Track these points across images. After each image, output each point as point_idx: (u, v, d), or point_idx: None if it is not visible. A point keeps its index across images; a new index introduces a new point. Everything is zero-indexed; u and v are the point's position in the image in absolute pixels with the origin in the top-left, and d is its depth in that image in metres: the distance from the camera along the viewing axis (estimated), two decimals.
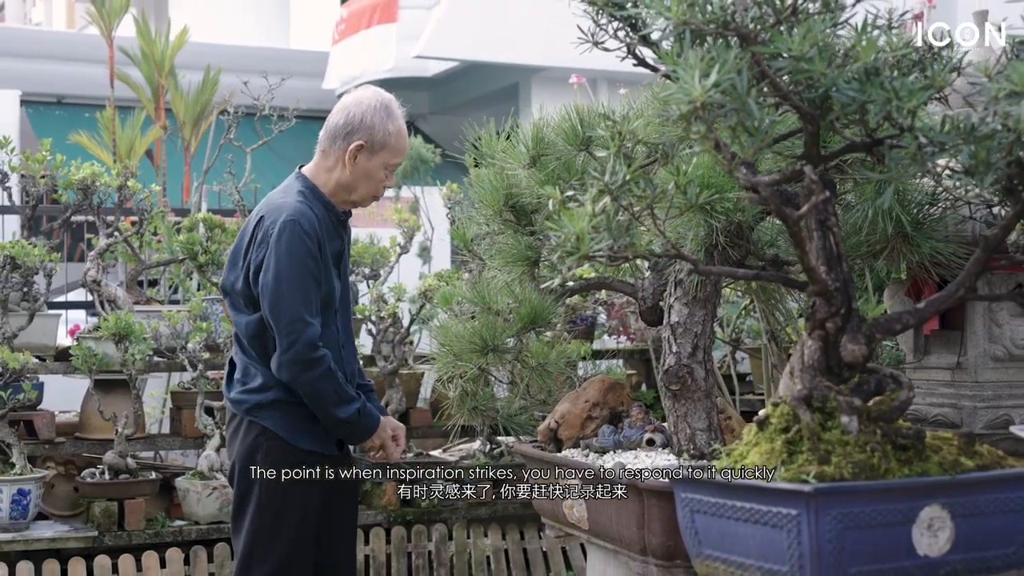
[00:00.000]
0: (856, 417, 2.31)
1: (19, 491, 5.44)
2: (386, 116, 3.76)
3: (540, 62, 12.63)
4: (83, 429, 6.01)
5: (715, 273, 2.92)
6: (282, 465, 3.66)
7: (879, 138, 2.34)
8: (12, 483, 5.42)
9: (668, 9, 2.23)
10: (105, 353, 5.67)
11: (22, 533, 5.48)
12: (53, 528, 5.66)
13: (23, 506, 5.46)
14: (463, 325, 4.02)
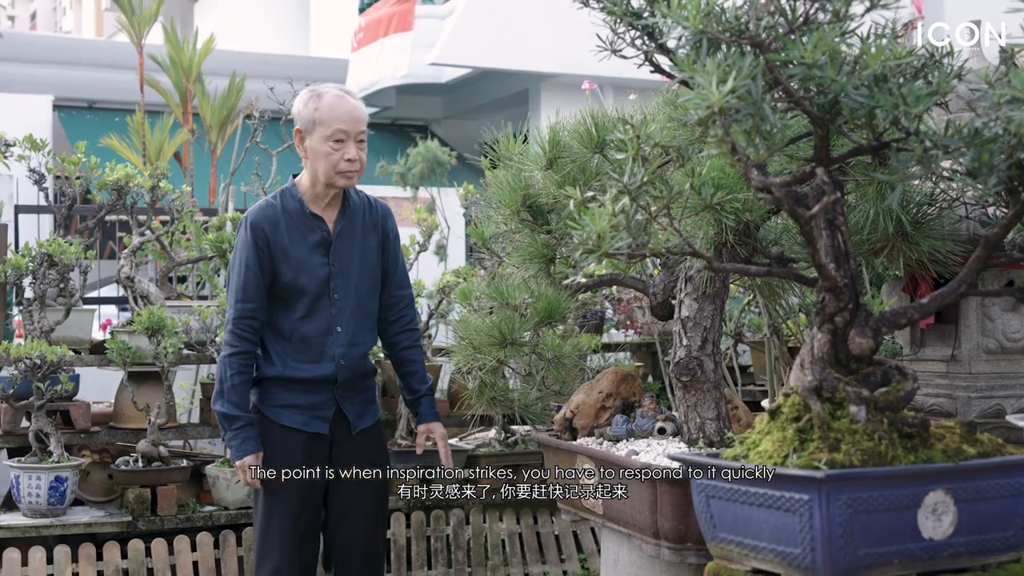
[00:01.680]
0: (864, 407, 2.32)
1: (56, 478, 5.45)
2: (310, 98, 3.87)
3: (549, 69, 12.65)
4: (117, 419, 6.02)
5: (728, 270, 2.94)
6: (265, 441, 3.87)
7: (886, 141, 2.35)
8: (50, 471, 5.43)
9: (686, 19, 2.24)
10: (138, 346, 5.69)
11: (59, 518, 5.49)
12: (89, 513, 5.67)
13: (60, 492, 5.48)
14: (482, 319, 4.04)
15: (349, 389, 3.97)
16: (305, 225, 3.89)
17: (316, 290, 3.88)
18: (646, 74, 4.63)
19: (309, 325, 3.90)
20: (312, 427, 3.90)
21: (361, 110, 3.94)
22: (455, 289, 6.00)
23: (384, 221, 4.06)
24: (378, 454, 4.12)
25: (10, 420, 5.67)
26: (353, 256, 3.94)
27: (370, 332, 4.05)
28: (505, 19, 12.42)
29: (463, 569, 5.97)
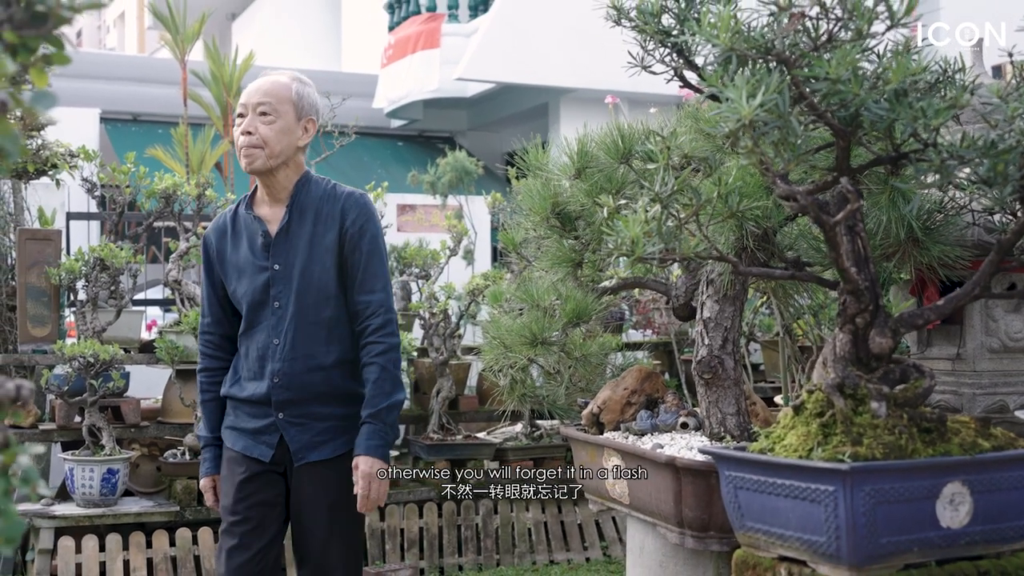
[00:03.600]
0: (885, 403, 2.32)
1: (108, 470, 5.49)
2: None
3: (568, 84, 12.66)
4: (165, 414, 6.06)
5: (753, 274, 2.94)
6: (223, 465, 3.42)
7: (904, 152, 2.36)
8: (102, 463, 5.47)
9: (716, 37, 2.25)
10: (185, 345, 5.73)
11: (111, 508, 5.52)
12: (139, 504, 5.71)
13: (112, 484, 5.51)
14: (513, 320, 4.05)
15: (296, 414, 3.28)
16: (248, 228, 3.36)
17: (256, 298, 3.31)
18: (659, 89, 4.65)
19: (252, 338, 3.34)
20: (254, 452, 3.30)
21: (268, 81, 3.33)
22: (484, 291, 6.03)
23: (345, 214, 3.32)
24: (335, 496, 3.30)
25: (64, 415, 5.71)
26: (298, 257, 3.30)
27: (325, 344, 3.30)
28: (526, 38, 12.44)
29: (491, 556, 5.99)
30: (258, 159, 3.24)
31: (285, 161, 3.29)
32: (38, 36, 1.34)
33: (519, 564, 5.99)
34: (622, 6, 2.69)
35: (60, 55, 1.37)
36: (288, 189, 3.33)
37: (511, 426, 6.53)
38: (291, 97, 3.32)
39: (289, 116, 3.29)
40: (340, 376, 3.32)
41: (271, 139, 3.24)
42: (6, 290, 6.27)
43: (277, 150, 3.25)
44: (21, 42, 1.32)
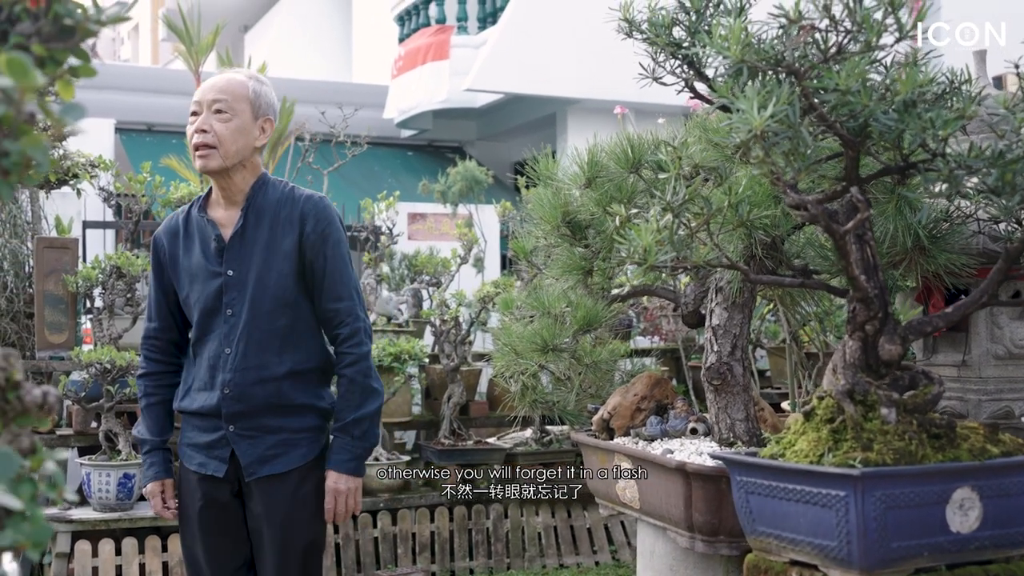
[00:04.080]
0: (894, 409, 2.32)
1: (124, 475, 5.49)
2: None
3: (575, 94, 12.67)
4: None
5: (764, 282, 2.94)
6: (178, 484, 3.27)
7: (912, 162, 2.36)
8: (119, 468, 5.47)
9: (727, 49, 2.26)
10: None
11: (127, 512, 5.52)
12: None
13: (128, 488, 5.51)
14: (524, 327, 4.05)
15: (247, 426, 3.08)
16: (201, 232, 3.16)
17: (208, 305, 3.11)
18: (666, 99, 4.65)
19: (203, 347, 3.12)
20: (208, 469, 3.10)
21: (224, 79, 3.14)
22: (495, 299, 6.03)
23: (303, 218, 3.12)
24: (288, 513, 3.09)
25: (81, 420, 5.72)
26: (253, 263, 3.10)
27: (277, 354, 3.09)
28: (534, 49, 12.46)
29: (502, 560, 5.99)
30: (213, 159, 3.05)
31: (241, 162, 3.10)
32: (65, 49, 1.34)
33: (529, 568, 5.99)
34: (634, 19, 2.70)
35: (86, 67, 1.38)
36: (244, 191, 3.14)
37: (521, 431, 6.53)
38: (248, 95, 3.13)
39: (246, 115, 3.10)
40: (292, 387, 3.11)
41: (227, 138, 3.06)
42: (24, 297, 6.29)
43: (233, 150, 3.06)
44: (49, 55, 1.33)
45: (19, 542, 1.05)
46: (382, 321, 6.85)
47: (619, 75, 9.05)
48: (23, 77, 1.07)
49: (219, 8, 20.92)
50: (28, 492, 1.09)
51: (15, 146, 1.06)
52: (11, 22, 1.30)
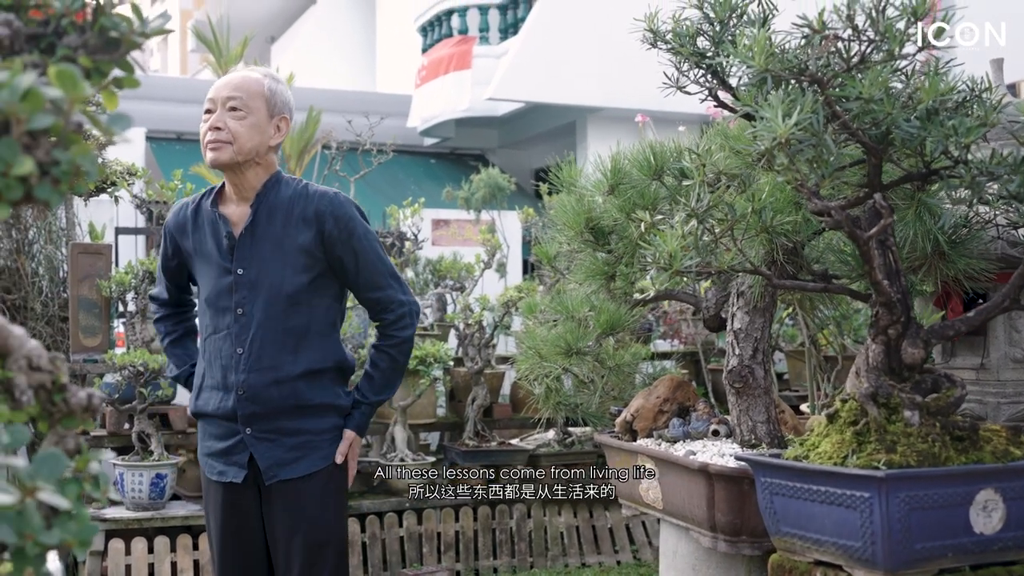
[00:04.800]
0: (918, 412, 2.31)
1: (157, 475, 5.51)
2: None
3: (595, 103, 12.67)
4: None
5: (788, 287, 2.92)
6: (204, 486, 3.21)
7: (935, 169, 2.35)
8: (151, 468, 5.49)
9: (752, 59, 2.25)
10: None
11: (159, 511, 5.53)
12: (186, 507, 5.71)
13: (160, 488, 5.53)
14: (547, 331, 4.04)
15: (266, 428, 2.98)
16: (211, 225, 3.03)
17: (218, 302, 3.00)
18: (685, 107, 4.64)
19: (214, 345, 3.02)
20: (227, 476, 3.00)
21: (239, 76, 3.03)
22: (517, 303, 6.03)
23: (320, 217, 2.98)
24: (313, 517, 3.00)
25: (115, 422, 5.74)
26: (265, 262, 2.98)
27: (292, 353, 2.98)
28: (554, 59, 12.47)
29: (525, 559, 5.98)
30: (224, 152, 2.92)
31: (255, 159, 2.98)
32: (110, 61, 1.35)
33: (552, 567, 5.98)
34: (659, 30, 2.69)
35: (130, 78, 1.38)
36: (256, 188, 3.01)
37: (544, 433, 6.52)
38: (263, 93, 3.01)
39: (261, 113, 2.98)
40: (308, 388, 3.00)
41: (241, 135, 2.93)
42: (59, 301, 6.32)
43: (247, 147, 2.94)
44: (95, 66, 1.33)
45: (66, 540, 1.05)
46: None
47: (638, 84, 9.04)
48: (72, 88, 1.07)
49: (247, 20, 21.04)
50: (74, 492, 1.10)
51: (65, 155, 1.07)
52: (58, 35, 1.31)
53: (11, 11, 1.31)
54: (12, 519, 0.97)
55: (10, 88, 1.03)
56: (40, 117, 1.04)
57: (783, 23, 2.45)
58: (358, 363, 6.06)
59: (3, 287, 6.21)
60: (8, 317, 6.15)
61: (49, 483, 1.02)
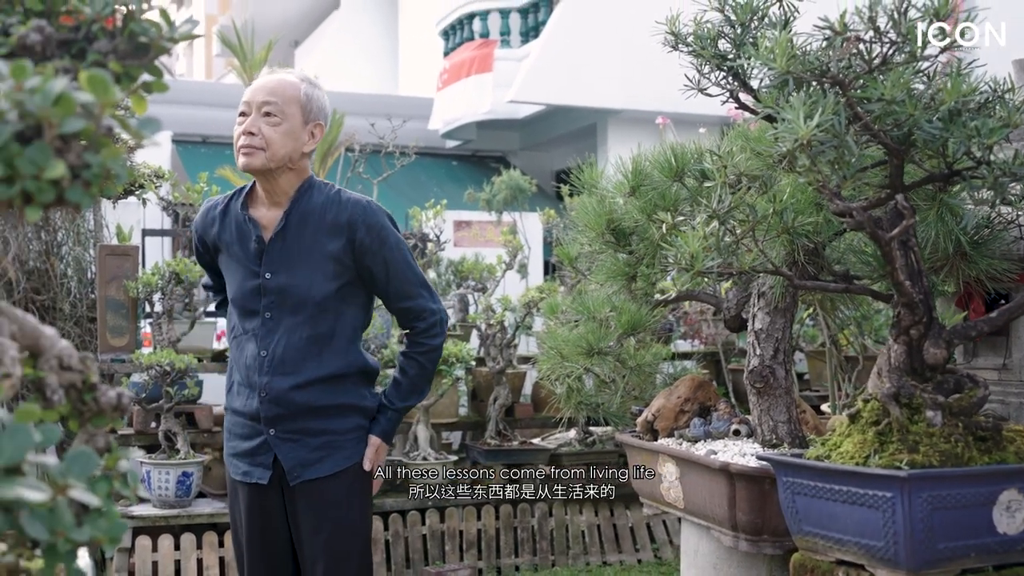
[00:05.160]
0: (940, 412, 2.29)
1: (183, 473, 5.53)
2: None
3: (616, 105, 12.66)
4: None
5: (809, 287, 2.90)
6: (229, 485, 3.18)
7: (957, 170, 2.33)
8: (177, 466, 5.51)
9: (773, 61, 2.24)
10: None
11: (185, 509, 5.55)
12: (211, 505, 5.73)
13: (186, 486, 5.55)
14: (569, 331, 4.04)
15: (288, 430, 2.94)
16: (240, 228, 2.97)
17: (245, 305, 2.97)
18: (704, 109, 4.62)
19: (241, 346, 3.00)
20: (252, 477, 2.97)
21: (275, 80, 2.94)
22: (539, 303, 6.02)
23: (352, 225, 2.92)
24: (337, 517, 2.97)
25: (142, 421, 5.77)
26: (294, 268, 2.92)
27: (317, 358, 2.94)
28: (575, 62, 12.46)
29: (547, 557, 5.97)
30: (257, 158, 2.85)
31: (288, 165, 2.92)
32: (140, 66, 1.35)
33: (573, 565, 5.97)
34: (680, 32, 2.68)
35: (159, 83, 1.39)
36: (288, 194, 2.95)
37: (565, 432, 6.51)
38: (299, 98, 2.93)
39: (296, 119, 2.90)
40: (332, 390, 2.96)
41: (275, 142, 2.86)
42: (86, 302, 6.36)
43: (280, 154, 2.87)
44: (124, 71, 1.34)
45: (96, 537, 1.06)
46: None
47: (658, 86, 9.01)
48: (103, 93, 1.07)
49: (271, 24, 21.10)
50: (104, 490, 1.10)
51: (96, 158, 1.07)
52: (89, 40, 1.31)
53: (43, 17, 1.31)
54: (44, 516, 0.97)
55: (42, 93, 1.03)
56: (71, 121, 1.04)
57: (804, 25, 2.44)
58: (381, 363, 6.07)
59: (33, 288, 6.25)
60: (38, 317, 6.19)
61: (80, 481, 1.03)
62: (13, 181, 1.03)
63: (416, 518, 5.83)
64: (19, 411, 0.99)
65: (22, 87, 1.04)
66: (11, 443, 0.94)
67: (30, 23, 1.28)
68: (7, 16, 1.32)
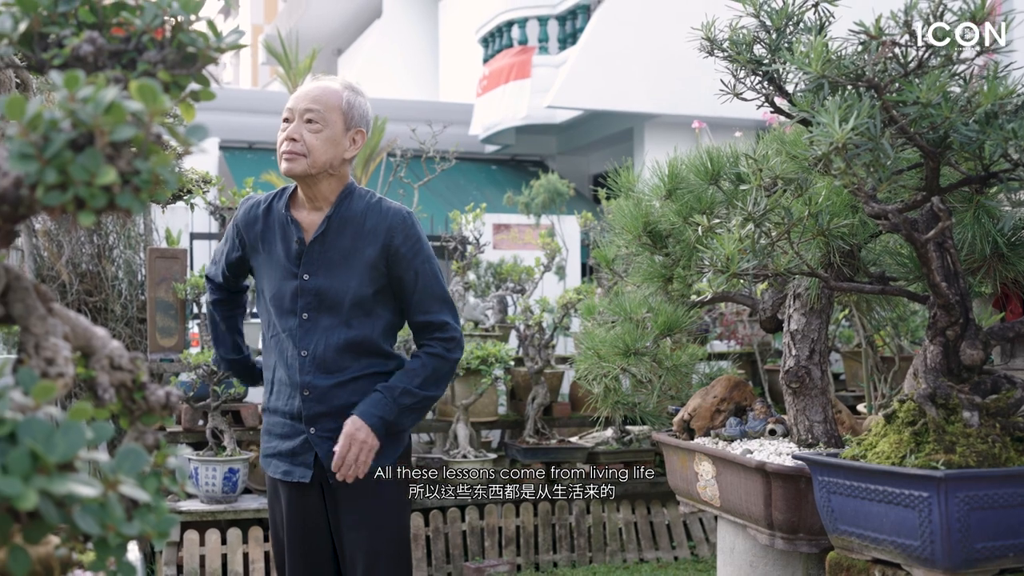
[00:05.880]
0: (977, 412, 2.26)
1: (230, 470, 5.56)
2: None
3: (652, 110, 12.62)
4: None
5: (844, 289, 2.87)
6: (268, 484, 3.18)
7: (994, 172, 2.30)
8: (224, 463, 5.54)
9: (808, 65, 2.22)
10: None
11: (232, 505, 5.59)
12: (257, 501, 5.76)
13: (232, 482, 5.58)
14: (606, 332, 4.02)
15: (329, 428, 2.94)
16: (283, 228, 2.98)
17: (283, 305, 2.95)
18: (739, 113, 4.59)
19: (278, 346, 2.99)
20: (294, 476, 2.97)
21: (318, 87, 2.95)
22: (576, 305, 6.01)
23: (391, 232, 2.94)
24: (376, 515, 2.98)
25: (189, 419, 5.81)
26: (332, 271, 2.94)
27: (354, 359, 2.96)
28: (612, 67, 12.44)
29: (584, 554, 5.95)
30: (299, 164, 2.87)
31: (328, 171, 2.93)
32: (187, 75, 1.36)
33: (610, 562, 5.95)
34: (715, 38, 2.66)
35: (207, 91, 1.39)
36: (329, 199, 2.97)
37: (602, 431, 6.50)
38: (341, 106, 2.94)
39: (337, 126, 2.92)
40: (372, 386, 2.95)
41: (316, 148, 2.88)
42: (136, 304, 6.42)
43: (321, 160, 2.89)
44: (173, 80, 1.35)
45: (146, 531, 1.06)
46: (469, 326, 6.88)
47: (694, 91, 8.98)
48: (153, 102, 1.08)
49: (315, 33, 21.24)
50: (153, 485, 1.11)
51: (145, 165, 1.08)
52: (139, 51, 1.32)
53: (95, 29, 1.33)
54: (95, 511, 0.98)
55: (94, 102, 1.04)
56: (122, 129, 1.05)
57: (839, 30, 2.42)
58: None
59: (86, 290, 6.32)
60: (90, 318, 6.25)
61: (130, 477, 1.03)
62: (66, 187, 1.04)
63: (456, 515, 5.83)
64: (72, 409, 1.00)
65: (75, 97, 1.05)
66: (64, 440, 0.95)
67: (83, 35, 1.30)
68: (61, 28, 1.33)
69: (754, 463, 3.19)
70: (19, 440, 0.94)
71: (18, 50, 1.34)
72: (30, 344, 1.18)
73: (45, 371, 1.16)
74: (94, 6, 1.34)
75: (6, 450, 0.93)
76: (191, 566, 5.38)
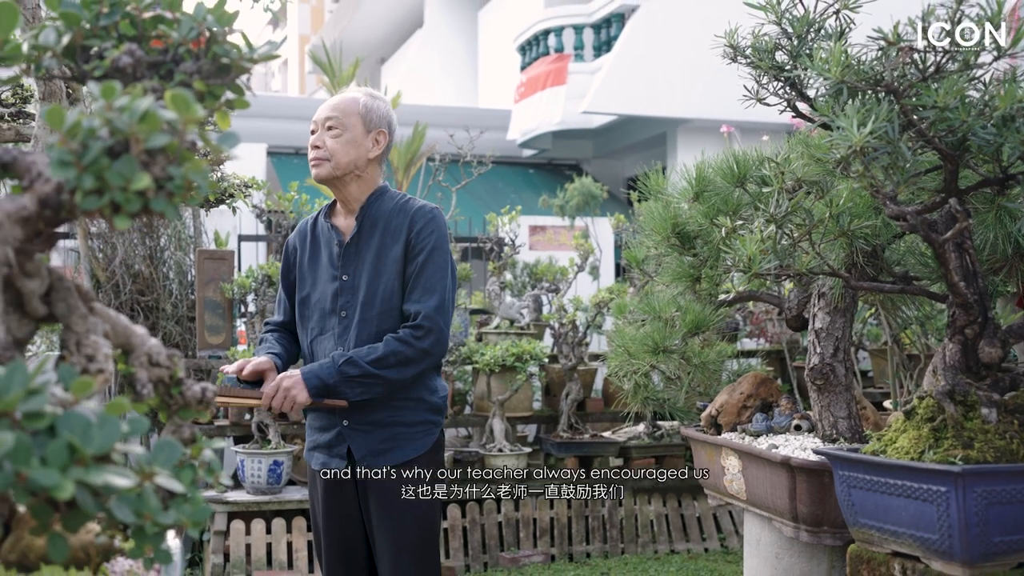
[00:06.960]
0: (995, 409, 2.23)
1: (274, 462, 5.61)
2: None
3: (684, 115, 12.57)
4: None
5: (865, 288, 2.85)
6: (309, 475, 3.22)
7: (1012, 174, 2.27)
8: (269, 455, 5.59)
9: (828, 71, 2.20)
10: None
11: (276, 496, 5.63)
12: (301, 492, 5.80)
13: (277, 474, 5.63)
14: (636, 330, 4.02)
15: (363, 420, 2.99)
16: (325, 237, 3.11)
17: (325, 306, 3.05)
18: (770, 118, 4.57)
19: (320, 345, 3.06)
20: (331, 465, 3.03)
21: (337, 97, 3.10)
22: (609, 304, 6.01)
23: (411, 225, 3.02)
24: (404, 506, 3.00)
25: (236, 413, 5.86)
26: (364, 269, 3.03)
27: None
28: (646, 74, 12.40)
29: (616, 545, 5.95)
30: (324, 167, 2.99)
31: (356, 173, 3.03)
32: (222, 85, 1.38)
33: (642, 553, 5.94)
34: (738, 45, 2.65)
35: (241, 100, 1.41)
36: (360, 201, 3.07)
37: (634, 426, 6.48)
38: (358, 110, 3.05)
39: (356, 128, 3.03)
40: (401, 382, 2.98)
41: (337, 151, 2.98)
42: (186, 303, 6.49)
43: (344, 161, 2.99)
44: (208, 90, 1.36)
45: (181, 521, 1.08)
46: (505, 324, 6.89)
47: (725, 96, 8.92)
48: (185, 110, 1.10)
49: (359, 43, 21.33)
50: (188, 477, 1.12)
51: (178, 171, 1.09)
52: (176, 62, 1.34)
53: (135, 41, 1.35)
54: (131, 501, 1.00)
55: (130, 111, 1.06)
56: (156, 137, 1.06)
57: (858, 36, 2.40)
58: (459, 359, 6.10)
59: (138, 290, 6.39)
60: (142, 317, 6.33)
61: (165, 468, 1.05)
62: (103, 192, 1.06)
63: (492, 506, 5.84)
64: (109, 404, 1.01)
65: (112, 106, 1.07)
66: (100, 433, 0.97)
67: (123, 47, 1.32)
68: (102, 41, 1.35)
69: (779, 458, 3.18)
70: (58, 433, 0.95)
71: (62, 62, 1.36)
72: (71, 341, 1.20)
73: (86, 367, 1.18)
74: (134, 20, 1.35)
75: (45, 442, 0.94)
76: (237, 555, 5.43)
